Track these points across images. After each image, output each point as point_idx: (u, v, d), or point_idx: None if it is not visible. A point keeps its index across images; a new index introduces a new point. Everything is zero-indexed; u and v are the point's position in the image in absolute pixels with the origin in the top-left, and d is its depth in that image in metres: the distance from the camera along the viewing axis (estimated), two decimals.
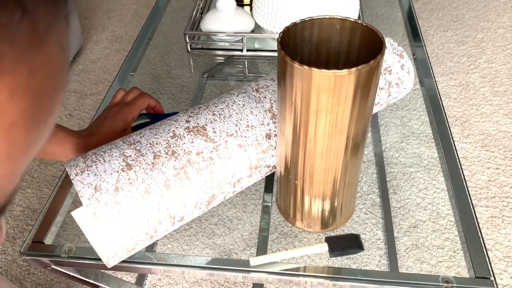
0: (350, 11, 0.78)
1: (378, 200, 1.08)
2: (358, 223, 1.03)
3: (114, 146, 0.44)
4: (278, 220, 0.54)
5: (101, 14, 1.87)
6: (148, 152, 0.43)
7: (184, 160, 0.44)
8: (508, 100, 1.39)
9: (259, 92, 0.51)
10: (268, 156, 0.49)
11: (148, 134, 0.45)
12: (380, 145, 1.17)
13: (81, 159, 0.43)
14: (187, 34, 0.82)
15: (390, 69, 0.57)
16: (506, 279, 0.98)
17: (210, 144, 0.45)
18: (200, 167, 0.44)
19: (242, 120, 0.47)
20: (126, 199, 0.41)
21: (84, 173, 0.41)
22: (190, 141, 0.45)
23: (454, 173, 0.57)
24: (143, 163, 0.42)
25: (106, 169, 0.41)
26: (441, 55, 1.57)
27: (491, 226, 1.07)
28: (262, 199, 0.76)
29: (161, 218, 0.43)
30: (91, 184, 0.40)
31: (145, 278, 1.00)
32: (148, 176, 0.42)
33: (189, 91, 0.83)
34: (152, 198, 0.42)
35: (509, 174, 1.18)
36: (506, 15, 1.75)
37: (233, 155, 0.46)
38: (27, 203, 1.16)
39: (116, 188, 0.41)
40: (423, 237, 1.02)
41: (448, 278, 0.46)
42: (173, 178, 0.43)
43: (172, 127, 0.46)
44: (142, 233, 0.42)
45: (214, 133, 0.46)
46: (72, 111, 1.43)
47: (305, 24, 0.40)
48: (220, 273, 0.48)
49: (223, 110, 0.48)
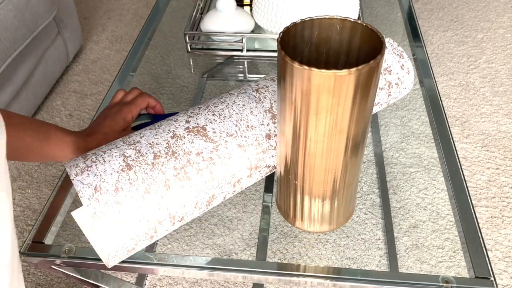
0: (350, 11, 0.78)
1: (378, 200, 1.08)
2: (358, 223, 1.03)
3: (114, 147, 0.44)
4: (278, 220, 0.54)
5: (101, 14, 1.87)
6: (148, 152, 0.43)
7: (184, 160, 0.44)
8: (508, 100, 1.39)
9: (259, 92, 0.51)
10: (268, 156, 0.49)
11: (148, 134, 0.45)
12: (380, 145, 1.17)
13: (81, 159, 0.43)
14: (187, 34, 0.82)
15: (390, 69, 0.57)
16: (506, 279, 0.98)
17: (210, 144, 0.45)
18: (200, 167, 0.44)
19: (242, 120, 0.47)
20: (126, 199, 0.41)
21: (84, 173, 0.41)
22: (190, 141, 0.45)
23: (454, 173, 0.57)
24: (143, 163, 0.42)
25: (106, 169, 0.41)
26: (441, 55, 1.57)
27: (491, 226, 1.07)
28: (262, 199, 0.76)
29: (161, 218, 0.43)
30: (91, 184, 0.40)
31: (145, 278, 1.00)
32: (148, 176, 0.42)
33: (189, 91, 0.83)
34: (152, 198, 0.42)
35: (509, 174, 1.18)
36: (506, 15, 1.76)
37: (233, 155, 0.46)
38: (27, 203, 1.16)
39: (116, 188, 0.41)
40: (423, 237, 1.02)
41: (448, 278, 0.46)
42: (173, 178, 0.43)
43: (172, 127, 0.46)
44: (142, 233, 0.42)
45: (214, 133, 0.46)
46: (72, 111, 1.43)
47: (305, 24, 0.40)
48: (220, 273, 0.48)
49: (223, 110, 0.48)
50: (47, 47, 1.40)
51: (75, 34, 1.56)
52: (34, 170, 1.24)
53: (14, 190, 1.19)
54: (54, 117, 1.41)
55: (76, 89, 1.51)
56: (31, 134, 0.50)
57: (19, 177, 1.22)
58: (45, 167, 1.25)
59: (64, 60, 1.51)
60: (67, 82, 1.54)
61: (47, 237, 0.52)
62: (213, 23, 0.81)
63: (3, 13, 1.13)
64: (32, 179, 1.22)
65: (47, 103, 1.46)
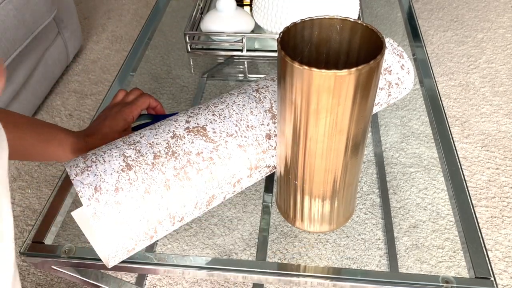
0: (350, 11, 0.78)
1: (378, 200, 1.08)
2: (358, 223, 1.03)
3: (114, 147, 0.44)
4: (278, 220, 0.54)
5: (101, 14, 1.87)
6: (148, 152, 0.43)
7: (184, 160, 0.44)
8: (508, 100, 1.39)
9: (259, 92, 0.51)
10: (268, 156, 0.49)
11: (148, 134, 0.45)
12: (380, 145, 1.17)
13: (81, 159, 0.43)
14: (187, 34, 0.82)
15: (390, 69, 0.57)
16: (506, 279, 0.98)
17: (210, 144, 0.45)
18: (200, 167, 0.44)
19: (242, 120, 0.48)
20: (126, 199, 0.41)
21: (84, 173, 0.41)
22: (190, 141, 0.45)
23: (454, 173, 0.57)
24: (143, 163, 0.42)
25: (106, 169, 0.41)
26: (441, 55, 1.57)
27: (491, 226, 1.07)
28: (262, 199, 0.76)
29: (161, 218, 0.43)
30: (91, 184, 0.40)
31: (145, 278, 1.00)
32: (148, 176, 0.42)
33: (189, 91, 0.83)
34: (152, 198, 0.42)
35: (509, 174, 1.18)
36: (506, 15, 1.76)
37: (233, 155, 0.46)
38: (27, 203, 1.16)
39: (116, 188, 0.41)
40: (423, 237, 1.02)
41: (448, 278, 0.46)
42: (173, 178, 0.43)
43: (172, 127, 0.46)
44: (142, 233, 0.42)
45: (214, 133, 0.46)
46: (72, 111, 1.43)
47: (305, 24, 0.40)
48: (220, 273, 0.48)
49: (223, 110, 0.48)
50: (47, 47, 1.40)
51: (75, 34, 1.56)
52: (34, 170, 1.24)
53: (14, 190, 1.19)
54: (54, 117, 1.41)
55: (76, 89, 1.51)
56: (32, 135, 0.51)
57: (19, 177, 1.22)
58: (45, 167, 1.25)
59: (64, 60, 1.51)
60: (67, 82, 1.54)
61: (47, 237, 0.52)
62: (213, 23, 0.81)
63: (3, 13, 1.14)
64: (32, 179, 1.22)
65: (47, 103, 1.46)
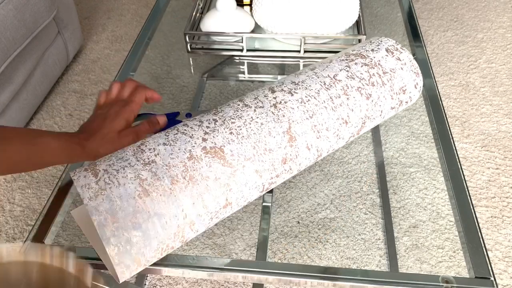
0: (350, 11, 0.78)
1: (378, 200, 1.08)
2: (358, 223, 1.03)
3: (127, 164, 0.42)
4: (278, 220, 0.54)
5: (101, 14, 1.87)
6: (164, 176, 0.42)
7: (202, 187, 0.43)
8: (508, 100, 1.39)
9: (277, 108, 0.49)
10: (280, 179, 0.48)
11: (163, 152, 0.44)
12: (380, 145, 1.17)
13: (93, 178, 0.41)
14: (187, 34, 0.82)
15: (405, 88, 0.54)
16: (506, 279, 0.98)
17: (227, 169, 0.44)
18: (217, 194, 0.43)
19: (260, 142, 0.46)
20: (143, 230, 0.40)
21: (98, 197, 0.39)
22: (207, 165, 0.43)
23: (454, 173, 0.57)
24: (160, 188, 0.41)
25: (121, 195, 0.40)
26: (441, 55, 1.57)
27: (491, 226, 1.07)
28: (262, 199, 0.76)
29: (176, 245, 0.43)
30: (107, 212, 0.39)
31: (145, 278, 1.00)
32: (165, 205, 0.41)
33: (189, 91, 0.83)
34: (169, 228, 0.41)
35: (509, 174, 1.18)
36: (506, 15, 1.76)
37: (249, 181, 0.45)
38: (27, 203, 1.16)
39: (134, 216, 0.40)
40: (423, 237, 1.02)
41: (448, 278, 0.46)
42: (192, 207, 0.42)
43: (189, 146, 0.44)
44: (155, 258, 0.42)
45: (232, 157, 0.45)
46: (72, 111, 1.43)
47: None
48: (220, 273, 0.48)
49: (241, 128, 0.46)
50: (47, 47, 1.40)
51: (75, 34, 1.56)
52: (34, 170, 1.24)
53: (14, 190, 1.19)
54: (54, 117, 1.41)
55: (76, 89, 1.51)
56: (26, 147, 0.49)
57: (19, 177, 1.22)
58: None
59: (64, 60, 1.51)
60: (67, 82, 1.54)
61: (47, 237, 0.52)
62: (213, 23, 0.81)
63: (3, 13, 1.14)
64: (32, 179, 1.22)
65: (47, 103, 1.46)
